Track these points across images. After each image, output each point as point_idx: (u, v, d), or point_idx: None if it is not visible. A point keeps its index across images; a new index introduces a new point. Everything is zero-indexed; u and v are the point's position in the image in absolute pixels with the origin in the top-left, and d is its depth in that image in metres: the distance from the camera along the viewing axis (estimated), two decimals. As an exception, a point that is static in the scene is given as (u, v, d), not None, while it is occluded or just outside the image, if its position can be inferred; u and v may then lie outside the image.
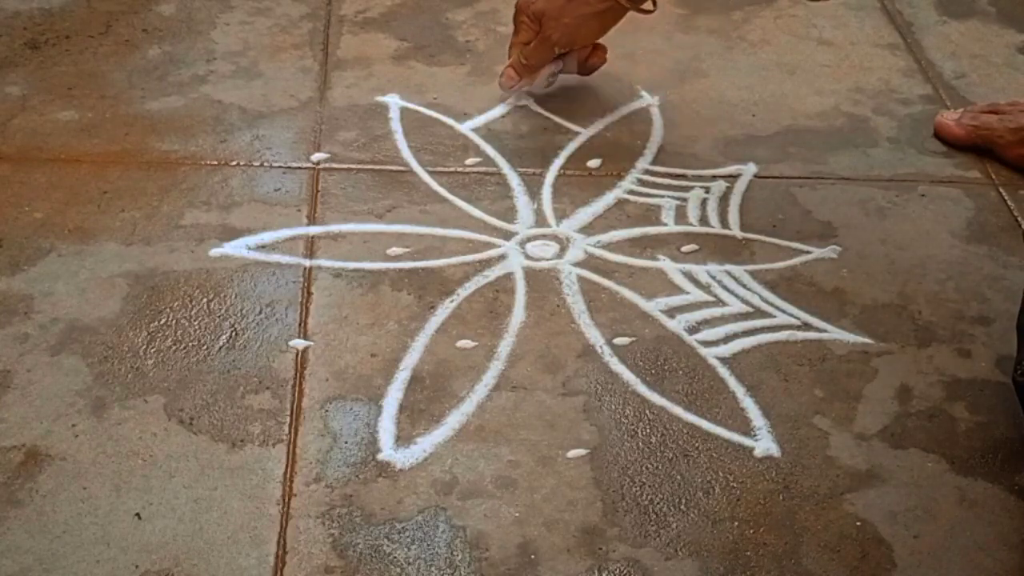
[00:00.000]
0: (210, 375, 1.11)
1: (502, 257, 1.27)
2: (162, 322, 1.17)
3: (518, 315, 1.20)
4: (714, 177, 1.41)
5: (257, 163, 1.39)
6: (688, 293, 1.23)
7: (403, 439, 1.06)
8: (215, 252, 1.25)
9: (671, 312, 1.21)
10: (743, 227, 1.33)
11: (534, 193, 1.37)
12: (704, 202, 1.37)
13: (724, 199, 1.37)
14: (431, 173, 1.39)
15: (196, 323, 1.17)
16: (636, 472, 1.04)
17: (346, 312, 1.19)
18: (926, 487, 1.05)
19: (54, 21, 1.63)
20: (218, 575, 0.94)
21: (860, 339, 1.19)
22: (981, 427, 1.11)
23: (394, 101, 1.51)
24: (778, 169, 1.43)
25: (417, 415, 1.09)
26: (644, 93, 1.55)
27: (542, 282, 1.24)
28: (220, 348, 1.14)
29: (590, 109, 1.52)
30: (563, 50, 1.44)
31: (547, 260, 1.27)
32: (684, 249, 1.29)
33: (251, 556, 0.95)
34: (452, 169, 1.40)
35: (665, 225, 1.33)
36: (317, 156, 1.40)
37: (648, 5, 1.40)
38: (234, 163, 1.39)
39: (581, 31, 1.41)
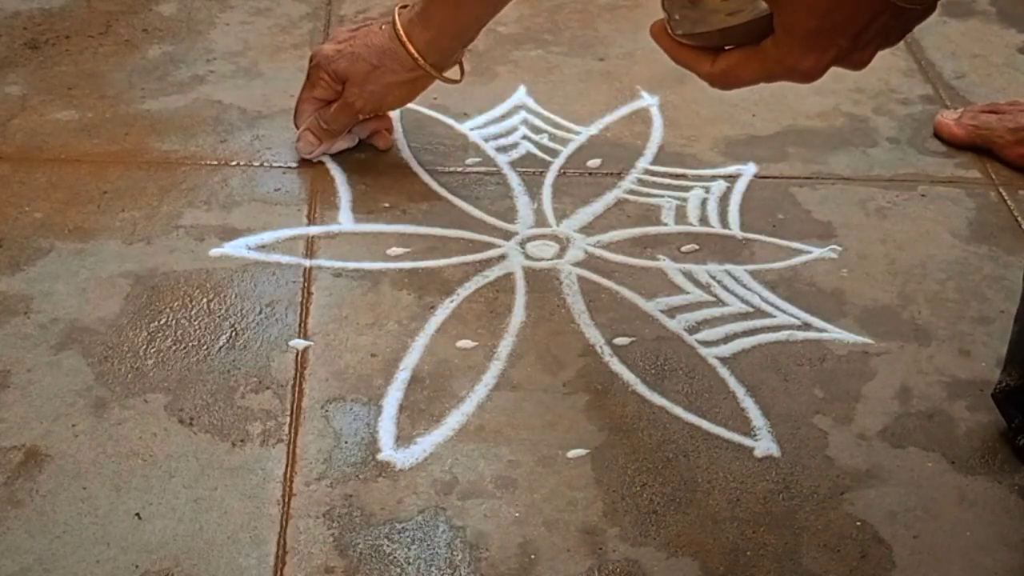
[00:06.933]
0: (210, 375, 1.11)
1: (502, 257, 1.27)
2: (162, 322, 1.17)
3: (518, 315, 1.20)
4: (714, 177, 1.41)
5: (257, 163, 1.39)
6: (688, 293, 1.23)
7: (403, 439, 1.06)
8: (215, 252, 1.25)
9: (671, 312, 1.21)
10: (743, 227, 1.33)
11: (534, 193, 1.37)
12: (704, 202, 1.37)
13: (724, 199, 1.37)
14: (431, 173, 1.39)
15: (196, 323, 1.17)
16: (636, 472, 1.04)
17: (346, 312, 1.19)
18: (926, 487, 1.05)
19: (54, 21, 1.63)
20: (218, 575, 0.94)
21: (860, 339, 1.19)
22: (981, 427, 1.11)
23: (394, 101, 1.51)
24: (778, 169, 1.43)
25: (417, 415, 1.09)
26: (644, 93, 1.55)
27: (542, 282, 1.24)
28: (220, 348, 1.14)
29: (590, 109, 1.52)
30: (367, 116, 1.35)
31: (547, 260, 1.27)
32: (684, 249, 1.29)
33: (251, 556, 0.95)
34: (452, 169, 1.40)
35: (665, 225, 1.33)
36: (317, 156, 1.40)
37: (454, 74, 1.33)
38: (234, 163, 1.39)
39: (388, 99, 1.32)
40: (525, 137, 1.46)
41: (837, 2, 0.75)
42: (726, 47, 0.85)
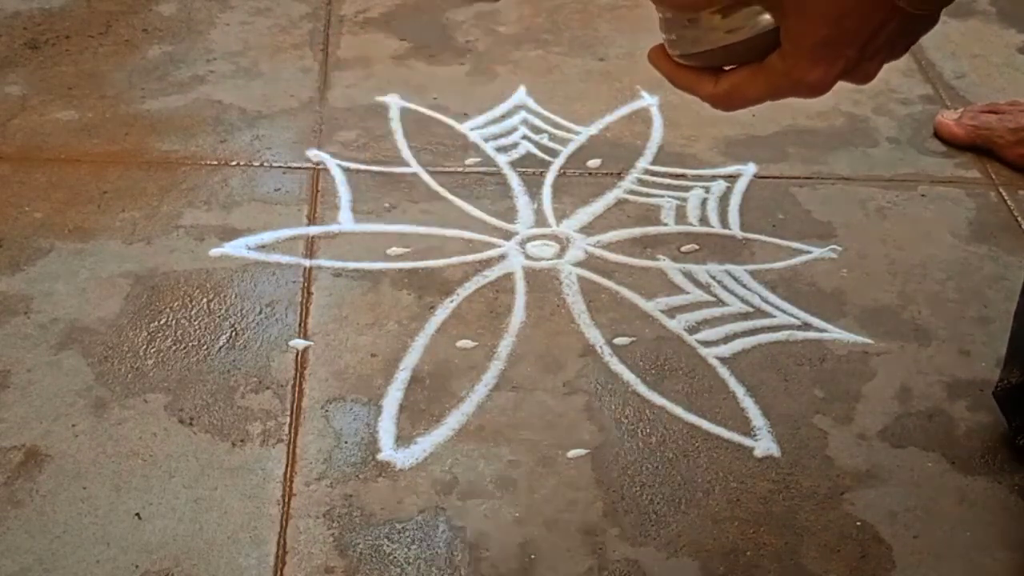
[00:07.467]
0: (210, 375, 1.11)
1: (502, 257, 1.27)
2: (162, 322, 1.17)
3: (518, 315, 1.20)
4: (714, 177, 1.41)
5: (257, 163, 1.39)
6: (688, 293, 1.23)
7: (403, 439, 1.06)
8: (215, 252, 1.25)
9: (671, 312, 1.21)
10: (743, 227, 1.33)
11: (534, 193, 1.37)
12: (704, 202, 1.37)
13: (724, 199, 1.37)
14: (431, 173, 1.39)
15: (196, 323, 1.17)
16: (636, 472, 1.04)
17: (346, 312, 1.19)
18: (926, 487, 1.05)
19: (54, 21, 1.63)
20: (218, 575, 0.94)
21: (860, 339, 1.19)
22: (981, 427, 1.10)
23: (394, 101, 1.51)
24: (778, 169, 1.43)
25: (417, 415, 1.08)
26: (644, 93, 1.55)
27: (542, 282, 1.24)
28: (220, 348, 1.14)
29: (590, 109, 1.52)
30: None
31: (547, 260, 1.27)
32: (684, 249, 1.29)
33: (251, 556, 0.95)
34: (452, 169, 1.40)
35: (665, 225, 1.33)
36: (317, 156, 1.40)
37: None
38: (234, 163, 1.39)
39: None
40: (525, 137, 1.46)
41: (846, 10, 0.75)
42: (727, 67, 0.83)
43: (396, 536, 0.98)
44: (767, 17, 0.77)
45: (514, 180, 1.39)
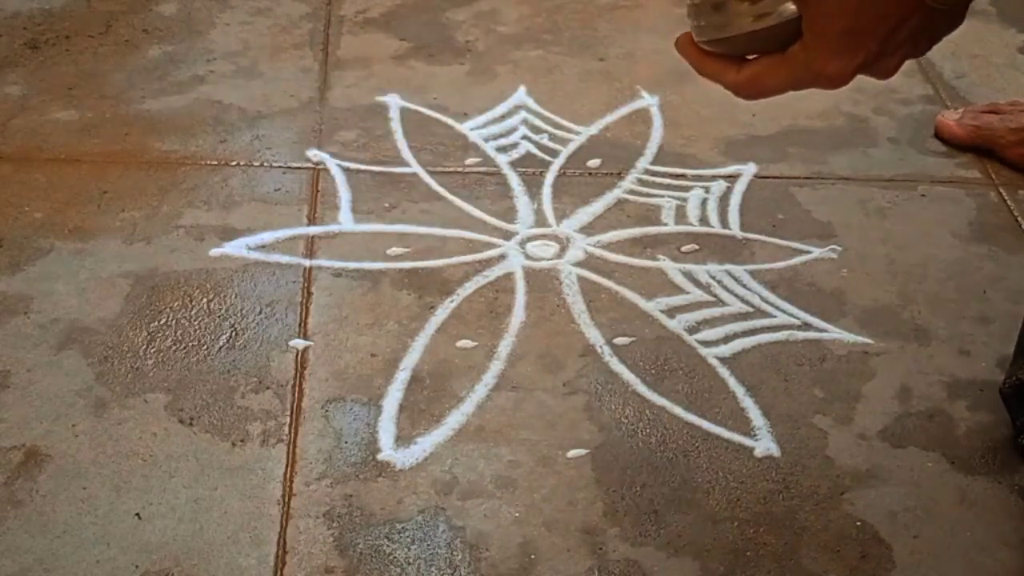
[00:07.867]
0: (210, 375, 1.11)
1: (502, 257, 1.27)
2: (162, 322, 1.17)
3: (518, 315, 1.20)
4: (714, 177, 1.41)
5: (257, 163, 1.39)
6: (688, 293, 1.23)
7: (403, 439, 1.06)
8: (215, 252, 1.25)
9: (671, 312, 1.21)
10: (743, 227, 1.33)
11: (534, 193, 1.37)
12: (704, 202, 1.37)
13: (724, 199, 1.37)
14: (431, 173, 1.39)
15: (196, 323, 1.17)
16: (636, 472, 1.04)
17: (346, 312, 1.19)
18: (926, 487, 1.05)
19: (54, 21, 1.63)
20: (218, 575, 0.94)
21: (860, 339, 1.19)
22: (981, 427, 1.10)
23: (394, 101, 1.51)
24: (778, 169, 1.43)
25: (417, 415, 1.08)
26: (644, 93, 1.55)
27: (542, 282, 1.24)
28: (220, 348, 1.14)
29: (590, 109, 1.52)
30: None
31: (547, 260, 1.27)
32: (684, 249, 1.29)
33: (251, 556, 0.95)
34: (452, 169, 1.40)
35: (665, 225, 1.33)
36: (317, 156, 1.40)
37: None
38: (234, 163, 1.39)
39: None
40: (525, 137, 1.46)
41: (868, 1, 0.75)
42: (750, 57, 0.84)
43: (396, 536, 0.98)
44: (792, 6, 0.78)
45: (514, 180, 1.39)
